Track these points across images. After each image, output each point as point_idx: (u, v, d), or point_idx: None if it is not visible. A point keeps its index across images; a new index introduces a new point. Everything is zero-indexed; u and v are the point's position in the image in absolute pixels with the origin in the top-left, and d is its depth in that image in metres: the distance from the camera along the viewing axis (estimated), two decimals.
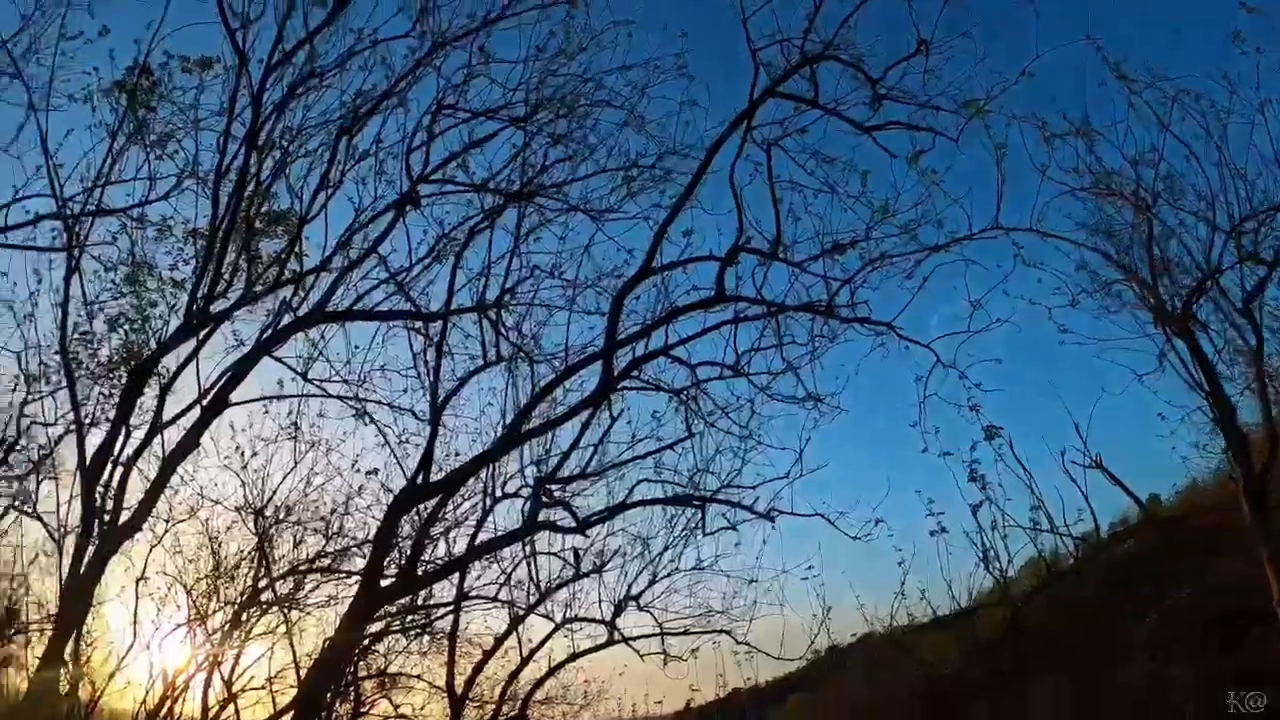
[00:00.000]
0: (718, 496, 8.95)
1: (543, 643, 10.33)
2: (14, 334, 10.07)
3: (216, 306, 8.38)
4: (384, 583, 8.03)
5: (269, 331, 8.45)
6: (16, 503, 10.82)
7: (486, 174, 8.59)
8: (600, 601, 10.17)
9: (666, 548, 10.06)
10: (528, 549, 9.53)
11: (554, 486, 8.27)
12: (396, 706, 11.00)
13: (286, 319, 8.46)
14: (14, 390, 10.55)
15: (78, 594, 8.00)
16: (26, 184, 8.85)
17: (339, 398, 9.05)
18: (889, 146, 8.35)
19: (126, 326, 9.68)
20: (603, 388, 7.54)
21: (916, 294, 8.73)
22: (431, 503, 8.06)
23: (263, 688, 10.87)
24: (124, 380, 8.92)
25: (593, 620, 10.09)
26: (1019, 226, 9.10)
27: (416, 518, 8.53)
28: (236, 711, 10.60)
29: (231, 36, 8.11)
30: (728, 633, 10.10)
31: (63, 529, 10.52)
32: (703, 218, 8.45)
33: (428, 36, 8.65)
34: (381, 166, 8.64)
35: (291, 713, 9.81)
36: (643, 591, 10.08)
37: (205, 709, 10.60)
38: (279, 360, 8.77)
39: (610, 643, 10.09)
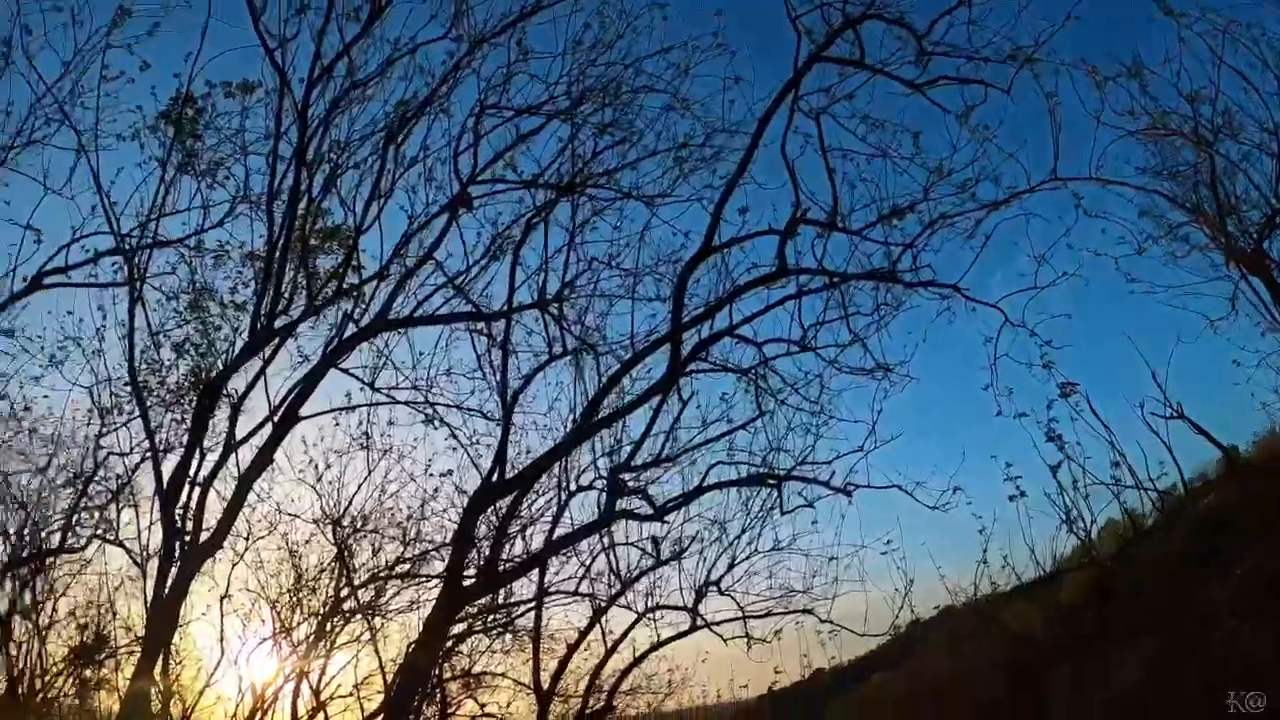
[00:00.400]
0: (793, 474, 8.87)
1: (626, 633, 10.32)
2: (84, 369, 10.38)
3: (280, 323, 8.49)
4: (466, 582, 8.07)
5: (334, 344, 8.52)
6: (99, 532, 11.13)
7: (536, 170, 8.59)
8: (681, 589, 10.16)
9: (744, 530, 9.98)
10: (606, 540, 9.56)
11: (628, 476, 8.25)
12: (483, 706, 11.10)
13: (350, 330, 8.53)
14: (88, 424, 10.88)
15: (163, 615, 8.12)
16: (84, 224, 9.12)
17: (407, 404, 9.12)
18: (941, 103, 8.20)
19: (192, 351, 9.88)
20: (671, 371, 7.49)
21: (979, 253, 8.55)
22: (508, 500, 8.08)
23: (350, 695, 11.03)
24: (194, 403, 9.07)
25: (675, 607, 10.06)
26: (1078, 176, 8.90)
27: (494, 516, 8.56)
28: (327, 719, 10.78)
29: (270, 56, 8.15)
30: (810, 611, 10.00)
31: (145, 553, 10.80)
32: (757, 194, 8.38)
33: (464, 40, 8.66)
34: (430, 173, 8.68)
35: (380, 717, 9.94)
36: (722, 576, 10.03)
37: (295, 719, 10.79)
38: (345, 372, 8.85)
39: (693, 629, 10.03)
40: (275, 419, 8.53)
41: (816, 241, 8.28)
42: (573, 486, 9.21)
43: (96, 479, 10.90)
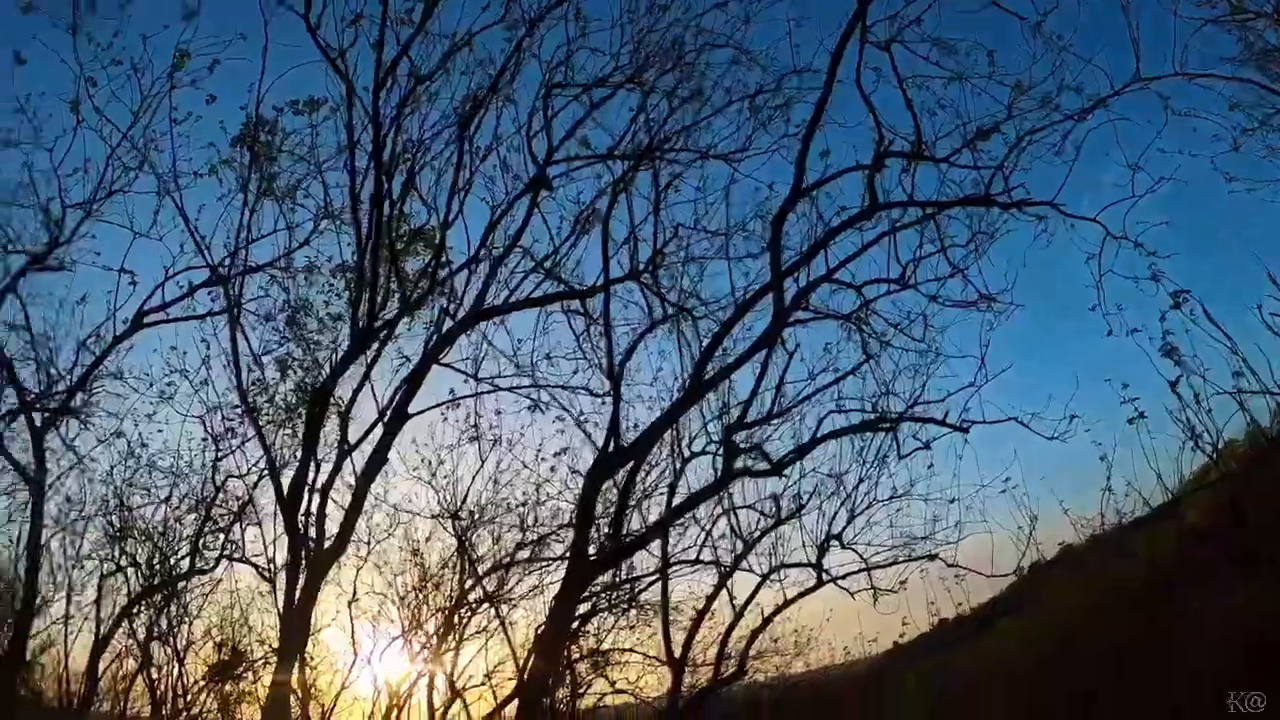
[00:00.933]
0: (907, 415, 8.72)
1: (752, 596, 10.32)
2: (194, 400, 10.77)
3: (378, 324, 8.62)
4: (590, 558, 8.12)
5: (433, 340, 8.66)
6: (226, 552, 11.55)
7: (611, 142, 8.54)
8: (803, 546, 10.07)
9: (861, 480, 9.81)
10: (725, 503, 9.58)
11: (741, 436, 8.22)
12: (613, 682, 11.22)
13: (447, 325, 8.64)
14: (204, 452, 11.30)
15: (295, 623, 8.37)
16: (175, 261, 9.65)
17: (512, 390, 9.24)
18: (1013, 9, 7.90)
19: (296, 366, 10.16)
20: (775, 321, 7.39)
21: (1072, 166, 8.20)
22: (625, 473, 8.11)
23: (482, 684, 11.28)
24: (305, 413, 9.31)
25: (798, 564, 10.01)
26: (1161, 74, 8.49)
27: (613, 488, 8.61)
28: (466, 707, 11.02)
29: (333, 64, 8.15)
30: (934, 556, 9.80)
31: (272, 567, 11.19)
32: (837, 136, 8.21)
33: (519, 25, 8.64)
34: (505, 162, 8.68)
35: (515, 701, 10.10)
36: (844, 529, 9.90)
37: (431, 711, 11.07)
38: (448, 366, 8.99)
39: (819, 585, 9.95)
40: (384, 420, 8.71)
41: (904, 176, 8.10)
42: (686, 453, 9.29)
43: (218, 502, 11.34)
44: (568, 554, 8.67)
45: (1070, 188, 8.23)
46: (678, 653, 9.94)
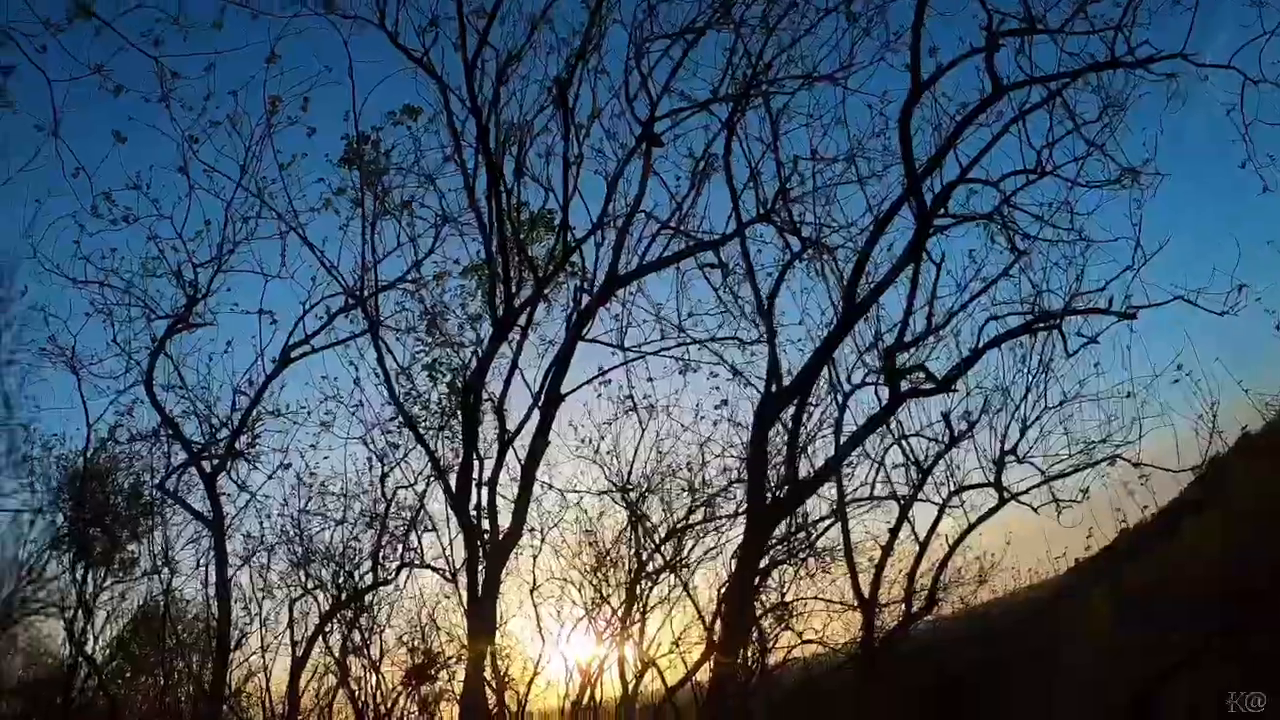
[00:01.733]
0: (1070, 309, 8.32)
1: (935, 524, 10.12)
2: (352, 423, 11.30)
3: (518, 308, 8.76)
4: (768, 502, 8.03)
5: (573, 316, 8.76)
6: (405, 560, 12.10)
7: (711, 88, 8.40)
8: (980, 467, 9.83)
9: (1028, 389, 9.51)
10: (895, 432, 9.38)
11: (902, 357, 8.00)
12: (799, 634, 11.20)
13: (585, 300, 8.73)
14: (370, 469, 11.85)
15: (481, 617, 8.57)
16: (309, 295, 10.16)
17: (659, 354, 9.29)
18: None
19: (443, 368, 10.51)
20: (920, 229, 7.15)
21: (1195, 10, 7.53)
22: (790, 414, 8.03)
23: (671, 651, 11.40)
24: (460, 410, 9.58)
25: (977, 485, 9.77)
26: None
27: (782, 432, 8.55)
28: (661, 676, 11.15)
29: (420, 64, 8.08)
30: (1117, 457, 9.37)
31: (451, 567, 11.64)
32: (942, 32, 7.82)
33: None
34: (610, 132, 8.63)
35: (708, 662, 10.15)
36: (1017, 443, 9.62)
37: (624, 684, 11.27)
38: (594, 341, 9.07)
39: (1001, 504, 9.67)
40: (539, 405, 8.87)
41: (1020, 59, 7.67)
42: (847, 387, 9.18)
43: (391, 514, 11.89)
44: (743, 507, 8.63)
45: (1196, 39, 7.62)
46: (866, 593, 9.77)
